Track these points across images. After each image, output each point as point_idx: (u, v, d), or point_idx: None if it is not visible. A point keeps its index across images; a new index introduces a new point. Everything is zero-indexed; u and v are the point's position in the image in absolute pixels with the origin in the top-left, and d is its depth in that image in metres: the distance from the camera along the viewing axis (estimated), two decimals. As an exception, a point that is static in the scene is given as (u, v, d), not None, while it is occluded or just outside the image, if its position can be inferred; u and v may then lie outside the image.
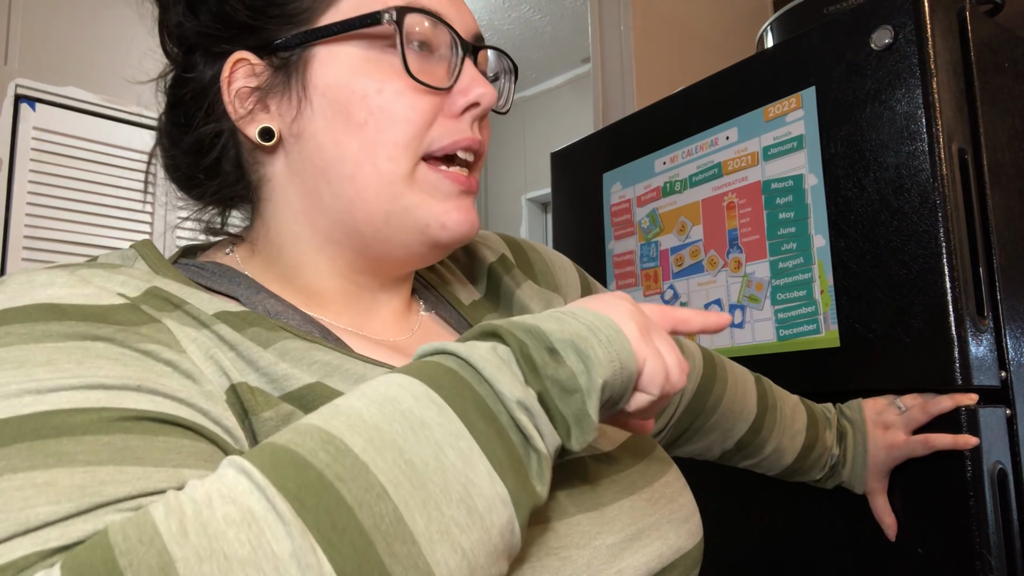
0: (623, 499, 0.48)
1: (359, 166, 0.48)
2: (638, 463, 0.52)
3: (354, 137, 0.47)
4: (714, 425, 0.75)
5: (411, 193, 0.48)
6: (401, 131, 0.47)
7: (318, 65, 0.48)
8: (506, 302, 0.62)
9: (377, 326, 0.54)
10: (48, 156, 2.50)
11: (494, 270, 0.64)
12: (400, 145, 0.48)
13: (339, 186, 0.48)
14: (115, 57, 2.67)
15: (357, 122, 0.47)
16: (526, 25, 3.49)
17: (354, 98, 0.47)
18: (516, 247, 0.68)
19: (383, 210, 0.48)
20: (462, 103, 0.50)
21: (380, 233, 0.49)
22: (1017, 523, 0.76)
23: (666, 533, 0.48)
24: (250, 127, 0.49)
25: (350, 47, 0.48)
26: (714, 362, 0.76)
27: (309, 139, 0.49)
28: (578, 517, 0.44)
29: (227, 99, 0.49)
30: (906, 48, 0.83)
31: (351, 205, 0.48)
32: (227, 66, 0.49)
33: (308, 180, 0.49)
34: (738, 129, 1.03)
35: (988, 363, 0.79)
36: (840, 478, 0.81)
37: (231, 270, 0.52)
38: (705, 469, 0.86)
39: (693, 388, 0.73)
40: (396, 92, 0.47)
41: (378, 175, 0.48)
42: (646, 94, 1.68)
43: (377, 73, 0.48)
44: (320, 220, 0.50)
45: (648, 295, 1.15)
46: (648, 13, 1.75)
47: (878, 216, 0.84)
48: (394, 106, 0.47)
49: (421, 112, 0.48)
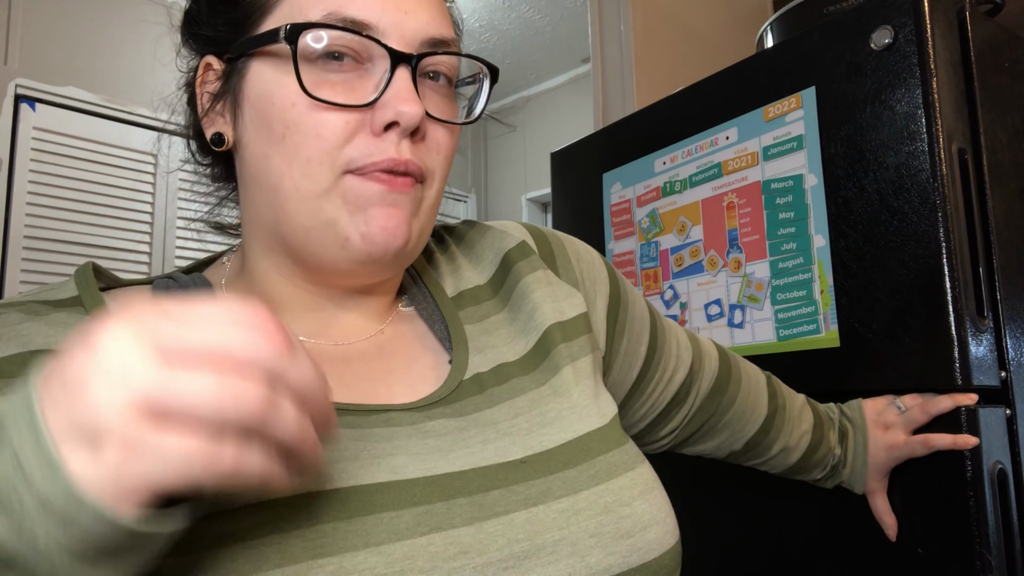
0: (517, 511, 0.44)
1: (280, 179, 0.47)
2: (566, 469, 0.47)
3: (275, 150, 0.47)
4: (725, 425, 0.74)
5: (330, 208, 0.47)
6: (313, 147, 0.46)
7: (252, 75, 0.48)
8: (509, 287, 0.60)
9: (337, 330, 0.53)
10: (48, 156, 2.50)
11: (509, 256, 0.61)
12: (313, 161, 0.46)
13: (268, 196, 0.49)
14: (115, 57, 2.67)
15: (277, 135, 0.47)
16: (526, 25, 3.49)
17: (273, 111, 0.47)
18: (539, 236, 0.65)
19: (302, 226, 0.47)
20: (380, 120, 0.46)
21: (305, 248, 0.48)
22: (1017, 523, 0.76)
23: (586, 549, 0.44)
24: (209, 130, 0.51)
25: (273, 59, 0.47)
26: (729, 362, 0.75)
27: (245, 147, 0.50)
28: (431, 537, 0.40)
29: (198, 99, 0.51)
30: (906, 48, 0.83)
31: (277, 216, 0.49)
32: (200, 68, 0.51)
33: (250, 188, 0.51)
34: (738, 129, 1.03)
35: (988, 363, 0.79)
36: (840, 478, 0.81)
37: (204, 285, 0.52)
38: (700, 466, 0.86)
39: (708, 388, 0.72)
40: (307, 107, 0.46)
41: (295, 189, 0.47)
42: (646, 94, 1.68)
43: (293, 86, 0.46)
44: (260, 228, 0.51)
45: (648, 295, 1.15)
46: (648, 13, 1.75)
47: (878, 216, 0.84)
48: (305, 122, 0.46)
49: (332, 129, 0.46)
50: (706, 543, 1.01)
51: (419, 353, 0.54)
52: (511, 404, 0.51)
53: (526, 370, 0.55)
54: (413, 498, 0.42)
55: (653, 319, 0.70)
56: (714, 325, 1.04)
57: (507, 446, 0.48)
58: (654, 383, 0.68)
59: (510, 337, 0.57)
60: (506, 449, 0.48)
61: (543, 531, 0.43)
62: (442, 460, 0.45)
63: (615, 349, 0.65)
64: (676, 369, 0.70)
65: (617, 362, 0.65)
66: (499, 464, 0.46)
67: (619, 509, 0.47)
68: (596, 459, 0.49)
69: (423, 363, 0.53)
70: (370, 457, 0.44)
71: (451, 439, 0.47)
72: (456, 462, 0.45)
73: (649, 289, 1.15)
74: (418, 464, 0.44)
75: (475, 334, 0.56)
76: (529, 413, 0.51)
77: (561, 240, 0.66)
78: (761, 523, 0.95)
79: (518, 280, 0.59)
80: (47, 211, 2.49)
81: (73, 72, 2.58)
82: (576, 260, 0.65)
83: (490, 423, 0.49)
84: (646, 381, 0.68)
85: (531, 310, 0.58)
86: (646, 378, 0.68)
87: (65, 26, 2.59)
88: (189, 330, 0.29)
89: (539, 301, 0.58)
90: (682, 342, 0.71)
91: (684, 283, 1.10)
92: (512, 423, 0.50)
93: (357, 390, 0.49)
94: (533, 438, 0.49)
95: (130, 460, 0.27)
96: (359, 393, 0.49)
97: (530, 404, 0.52)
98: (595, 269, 0.66)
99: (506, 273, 0.60)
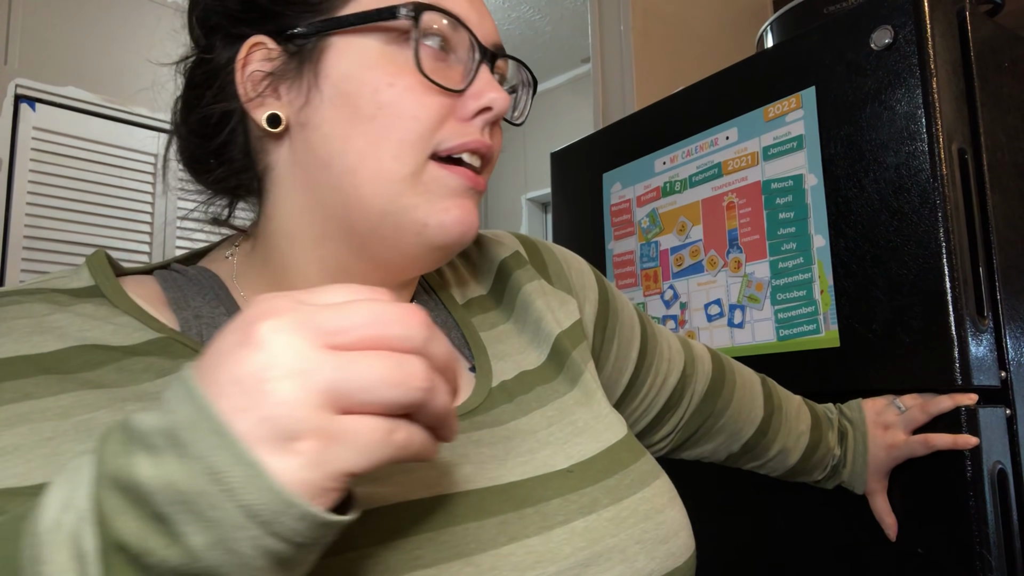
0: (576, 520, 0.45)
1: (362, 160, 0.46)
2: (606, 479, 0.49)
3: (360, 131, 0.46)
4: (722, 428, 0.74)
5: (412, 193, 0.47)
6: (408, 128, 0.46)
7: (333, 55, 0.47)
8: (510, 297, 0.60)
9: None
10: (48, 156, 2.51)
11: (505, 265, 0.62)
12: (406, 143, 0.46)
13: (339, 179, 0.47)
14: (115, 57, 2.67)
15: (365, 115, 0.46)
16: (526, 25, 3.49)
17: (364, 91, 0.46)
18: (531, 246, 0.66)
19: (379, 208, 0.47)
20: (473, 107, 0.48)
21: (375, 232, 0.48)
22: (1017, 523, 0.76)
23: (633, 556, 0.45)
24: (258, 111, 0.48)
25: (366, 39, 0.47)
26: (722, 364, 0.76)
27: (315, 129, 0.48)
28: (511, 547, 0.41)
29: (239, 80, 0.48)
30: (906, 48, 0.83)
31: (348, 200, 0.47)
32: (244, 48, 0.48)
33: (310, 171, 0.48)
34: (738, 129, 1.03)
35: (988, 363, 0.79)
36: (840, 478, 0.81)
37: (213, 278, 0.50)
38: (704, 470, 0.86)
39: (702, 391, 0.73)
40: (407, 88, 0.46)
41: (380, 172, 0.46)
42: (646, 94, 1.68)
43: (390, 67, 0.47)
44: (317, 215, 0.49)
45: (648, 295, 1.15)
46: (648, 13, 1.75)
47: (878, 216, 0.84)
48: (403, 102, 0.46)
49: (430, 111, 0.47)
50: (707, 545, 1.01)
51: None
52: (542, 413, 0.52)
53: (547, 379, 0.55)
54: (489, 508, 0.43)
55: (643, 324, 0.71)
56: (714, 325, 1.04)
57: (551, 455, 0.49)
58: (647, 387, 0.69)
59: (522, 347, 0.57)
60: (551, 458, 0.49)
61: (599, 539, 0.45)
62: (501, 469, 0.46)
63: (606, 354, 0.66)
64: (669, 373, 0.71)
65: (608, 367, 0.66)
66: (550, 473, 0.47)
67: (656, 516, 0.49)
68: (629, 468, 0.51)
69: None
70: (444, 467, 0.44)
71: (502, 448, 0.48)
72: (515, 471, 0.46)
73: (649, 289, 1.15)
74: (484, 473, 0.45)
75: (491, 342, 0.56)
76: (561, 422, 0.52)
77: (550, 248, 0.67)
78: (761, 524, 0.95)
79: (519, 290, 0.60)
80: (47, 211, 2.49)
81: (73, 72, 2.58)
82: (567, 267, 0.66)
83: (529, 432, 0.50)
84: (638, 385, 0.69)
85: (537, 320, 0.58)
86: (638, 382, 0.69)
87: (65, 26, 2.59)
88: (344, 315, 0.29)
89: (542, 311, 0.59)
90: (673, 346, 0.72)
91: (684, 283, 1.10)
92: (548, 432, 0.51)
93: None
94: (571, 447, 0.50)
95: (327, 451, 0.27)
96: None
97: (559, 413, 0.53)
98: (584, 275, 0.67)
99: (505, 283, 0.61)
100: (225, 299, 0.49)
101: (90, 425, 0.38)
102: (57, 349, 0.41)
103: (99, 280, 0.46)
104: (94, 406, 0.39)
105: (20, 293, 0.44)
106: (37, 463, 0.36)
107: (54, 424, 0.37)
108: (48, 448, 0.36)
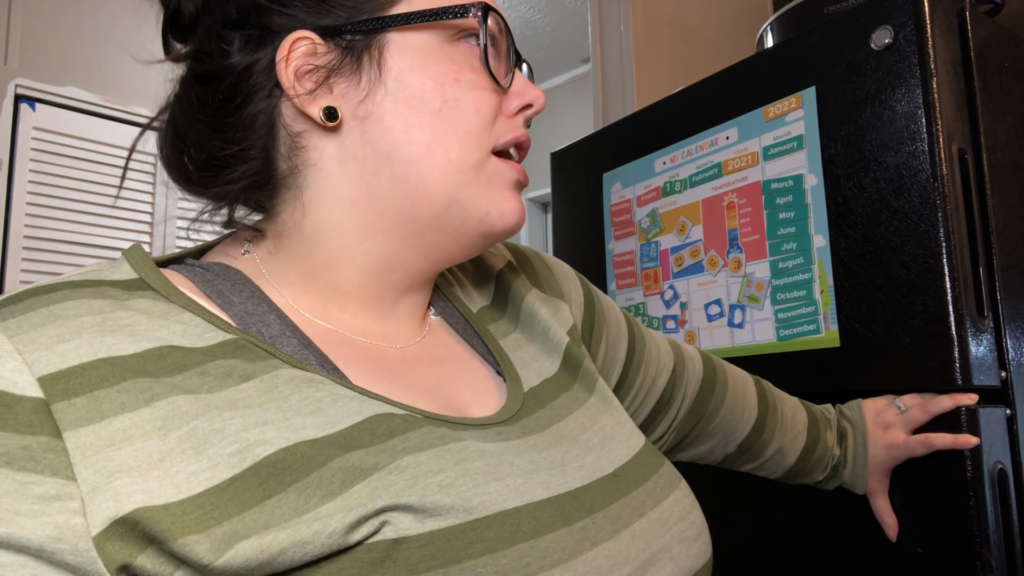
0: (635, 522, 0.46)
1: (429, 151, 0.48)
2: (645, 482, 0.50)
3: (426, 123, 0.48)
4: (716, 428, 0.75)
5: (476, 183, 0.49)
6: (472, 122, 0.49)
7: (393, 50, 0.48)
8: (514, 308, 0.61)
9: (392, 329, 0.52)
10: (48, 156, 2.50)
11: (503, 276, 0.63)
12: (471, 136, 0.49)
13: (403, 170, 0.48)
14: (115, 57, 2.67)
15: (431, 109, 0.48)
16: (526, 25, 3.49)
17: (430, 85, 0.48)
18: (519, 255, 0.67)
19: (446, 196, 0.49)
20: (517, 104, 0.52)
21: (436, 219, 0.49)
22: (1017, 523, 0.76)
23: (678, 554, 0.47)
24: (311, 107, 0.47)
25: (424, 36, 0.49)
26: (714, 365, 0.76)
27: (376, 122, 0.48)
28: (594, 552, 0.42)
29: (284, 77, 0.47)
30: (906, 48, 0.83)
31: (412, 190, 0.48)
32: (286, 44, 0.47)
33: (367, 163, 0.48)
34: (738, 129, 1.03)
35: (988, 363, 0.79)
36: (841, 479, 0.81)
37: (238, 274, 0.49)
38: (704, 470, 0.86)
39: (694, 392, 0.73)
40: (470, 84, 0.49)
41: (447, 162, 0.48)
42: (646, 94, 1.68)
43: (452, 64, 0.49)
44: (371, 207, 0.49)
45: (648, 295, 1.15)
46: (648, 13, 1.75)
47: (878, 216, 0.84)
48: (468, 97, 0.49)
49: (489, 106, 0.50)
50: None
51: (468, 363, 0.55)
52: (574, 419, 0.53)
53: (566, 386, 0.56)
54: (569, 515, 0.44)
55: (630, 325, 0.72)
56: (714, 325, 1.04)
57: (596, 460, 0.50)
58: (636, 388, 0.70)
59: (535, 355, 0.58)
60: (597, 463, 0.49)
61: (653, 540, 0.46)
62: (563, 476, 0.46)
63: (593, 355, 0.67)
64: (658, 374, 0.71)
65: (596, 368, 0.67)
66: (603, 478, 0.48)
67: (688, 516, 0.51)
68: (658, 472, 0.53)
69: (476, 373, 0.54)
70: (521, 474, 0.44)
71: (558, 453, 0.48)
72: (576, 476, 0.47)
73: (649, 289, 1.15)
74: (554, 480, 0.46)
75: (509, 349, 0.57)
76: (593, 428, 0.53)
77: (537, 255, 0.69)
78: (761, 524, 0.96)
79: (521, 300, 0.61)
80: (47, 211, 2.49)
81: (73, 72, 2.58)
82: (553, 272, 0.67)
83: (570, 437, 0.51)
84: (627, 386, 0.70)
85: (544, 330, 0.59)
86: (627, 383, 0.69)
87: (65, 26, 2.59)
88: None
89: (548, 320, 0.60)
90: (663, 348, 0.73)
91: (684, 283, 1.10)
92: (586, 437, 0.52)
93: (436, 396, 0.49)
94: (609, 452, 0.51)
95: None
96: (440, 400, 0.49)
97: (589, 419, 0.54)
98: (568, 279, 0.69)
99: (506, 294, 0.62)
100: (261, 296, 0.48)
101: (193, 438, 0.36)
102: (138, 351, 0.38)
103: (143, 273, 0.44)
104: (191, 414, 0.37)
105: (67, 286, 0.40)
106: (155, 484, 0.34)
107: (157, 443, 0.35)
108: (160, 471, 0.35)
